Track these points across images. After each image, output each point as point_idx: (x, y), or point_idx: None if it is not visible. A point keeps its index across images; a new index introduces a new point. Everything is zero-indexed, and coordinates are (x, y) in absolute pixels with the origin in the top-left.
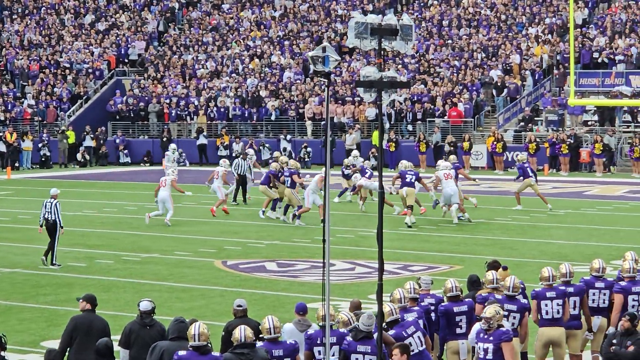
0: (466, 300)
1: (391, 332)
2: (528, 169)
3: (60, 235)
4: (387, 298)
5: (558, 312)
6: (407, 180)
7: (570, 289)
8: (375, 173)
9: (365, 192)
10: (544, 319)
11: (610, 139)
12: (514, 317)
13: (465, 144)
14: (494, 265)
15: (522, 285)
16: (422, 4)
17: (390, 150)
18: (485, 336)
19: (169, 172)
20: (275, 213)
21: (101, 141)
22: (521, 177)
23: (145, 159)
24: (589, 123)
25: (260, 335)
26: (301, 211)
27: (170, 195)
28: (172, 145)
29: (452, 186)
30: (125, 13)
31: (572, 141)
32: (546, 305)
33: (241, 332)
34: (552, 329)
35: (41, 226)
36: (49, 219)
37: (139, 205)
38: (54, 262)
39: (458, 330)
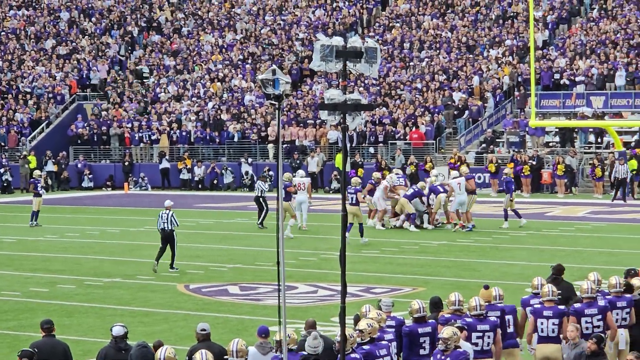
0: (430, 321)
1: (365, 347)
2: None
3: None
4: (351, 320)
5: (553, 331)
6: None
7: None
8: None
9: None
10: (540, 336)
11: (571, 160)
12: (488, 337)
13: (428, 165)
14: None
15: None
16: (383, 27)
17: (359, 175)
18: (443, 357)
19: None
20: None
21: (63, 166)
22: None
23: (107, 183)
24: (550, 144)
25: (225, 357)
26: (380, 216)
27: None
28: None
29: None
30: (86, 37)
31: (534, 162)
32: (542, 323)
33: (202, 357)
34: (548, 346)
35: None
36: (166, 228)
37: (102, 230)
38: (173, 266)
39: (421, 352)
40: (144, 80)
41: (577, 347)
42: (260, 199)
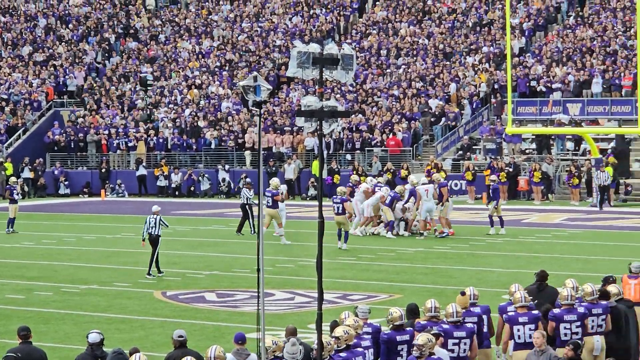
0: (408, 329)
1: (342, 355)
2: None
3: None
4: (331, 327)
5: (530, 337)
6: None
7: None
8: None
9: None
10: (516, 343)
11: (548, 166)
12: (465, 343)
13: (403, 172)
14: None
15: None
16: (360, 34)
17: (335, 182)
18: None
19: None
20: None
21: (39, 173)
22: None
23: (84, 190)
24: (527, 151)
25: None
26: (362, 222)
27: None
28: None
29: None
30: (63, 44)
31: (510, 169)
32: (518, 330)
33: None
34: (525, 352)
35: (143, 240)
36: (152, 233)
37: (78, 237)
38: (150, 272)
39: (398, 359)
40: (148, 88)
41: (544, 355)
42: (246, 206)
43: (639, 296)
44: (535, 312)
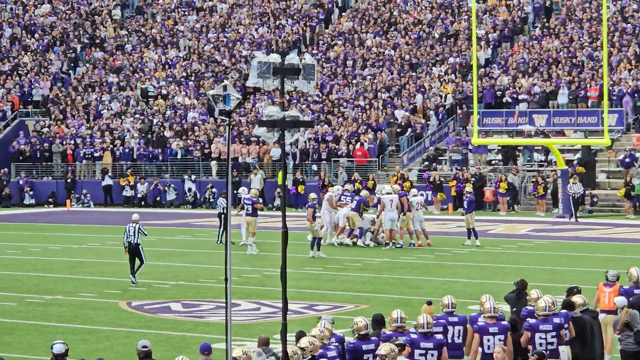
0: (373, 339)
1: None
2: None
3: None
4: (305, 336)
5: None
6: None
7: (454, 319)
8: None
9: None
10: (485, 353)
11: (514, 177)
12: (432, 355)
13: (370, 183)
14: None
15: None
16: (326, 44)
17: (299, 192)
18: None
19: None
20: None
21: (4, 182)
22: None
23: (50, 200)
24: (493, 162)
25: None
26: (338, 232)
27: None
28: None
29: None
30: (28, 54)
31: (476, 180)
32: (488, 340)
33: None
34: None
35: (126, 248)
36: (132, 241)
37: (43, 247)
38: (135, 279)
39: None
40: (149, 100)
41: None
42: (223, 215)
43: (613, 304)
44: (505, 322)
